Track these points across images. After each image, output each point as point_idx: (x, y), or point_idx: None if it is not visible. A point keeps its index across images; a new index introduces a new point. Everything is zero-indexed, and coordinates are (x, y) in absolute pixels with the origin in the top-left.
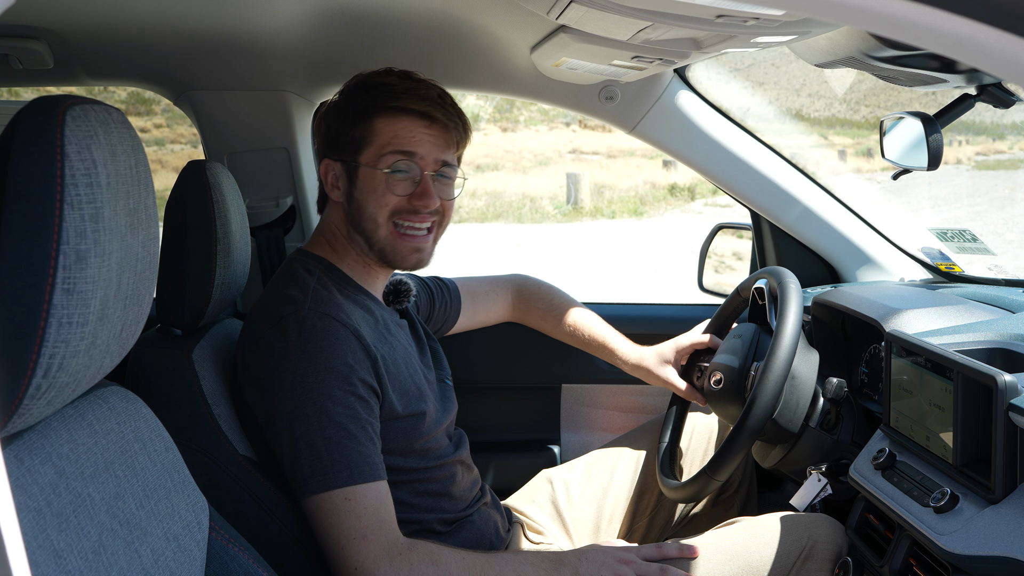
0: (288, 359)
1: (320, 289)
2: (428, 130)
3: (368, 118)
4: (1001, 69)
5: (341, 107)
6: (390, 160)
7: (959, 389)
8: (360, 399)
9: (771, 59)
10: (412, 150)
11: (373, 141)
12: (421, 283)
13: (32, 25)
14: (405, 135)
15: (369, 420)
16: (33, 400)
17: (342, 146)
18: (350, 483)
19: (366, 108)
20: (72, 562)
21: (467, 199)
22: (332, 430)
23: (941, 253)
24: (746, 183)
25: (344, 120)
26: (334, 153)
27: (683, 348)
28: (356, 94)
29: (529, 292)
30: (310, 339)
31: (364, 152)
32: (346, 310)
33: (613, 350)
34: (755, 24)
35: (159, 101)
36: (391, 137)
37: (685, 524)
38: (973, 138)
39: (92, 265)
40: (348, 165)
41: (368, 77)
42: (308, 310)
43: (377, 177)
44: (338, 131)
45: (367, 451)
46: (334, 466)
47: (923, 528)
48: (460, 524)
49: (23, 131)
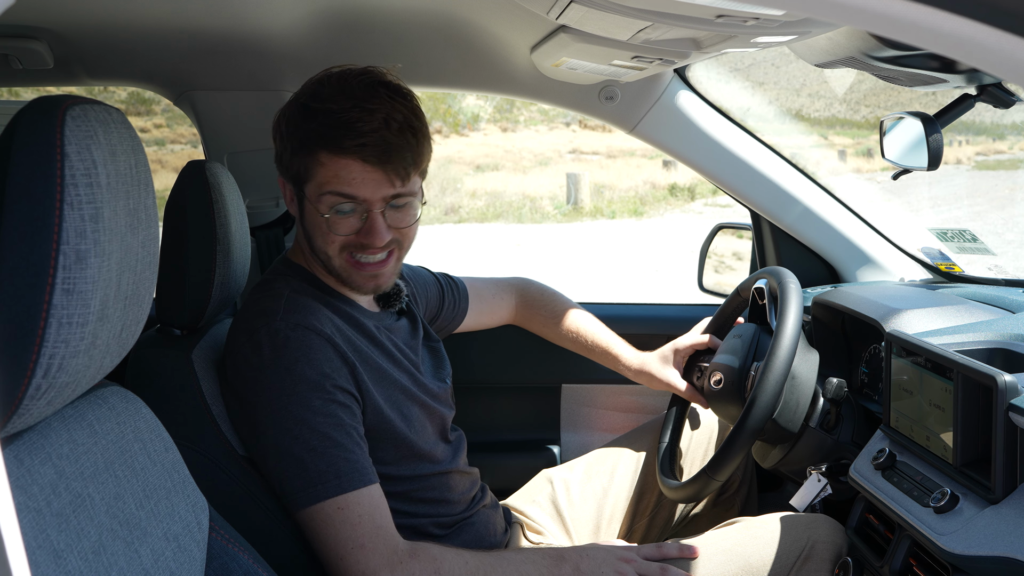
0: (264, 373)
1: (295, 297)
2: (370, 171)
3: (307, 151)
4: (1001, 69)
5: (283, 129)
6: (330, 201)
7: (959, 389)
8: (341, 405)
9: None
10: (353, 193)
11: (312, 178)
12: (432, 278)
13: (32, 25)
14: (345, 176)
15: (353, 425)
16: (33, 400)
17: (287, 170)
18: (340, 491)
19: (305, 140)
20: (72, 562)
21: (467, 199)
22: (316, 440)
23: (941, 253)
24: (746, 183)
25: (286, 146)
26: (283, 172)
27: (683, 349)
28: (298, 118)
29: (532, 298)
30: (283, 351)
31: (307, 185)
32: (320, 318)
33: (616, 356)
34: (755, 24)
35: (159, 101)
36: (331, 177)
37: (685, 524)
38: (973, 138)
39: (92, 265)
40: (296, 190)
41: (311, 96)
42: (280, 322)
43: (319, 217)
44: (282, 153)
45: (354, 457)
46: (322, 476)
47: (923, 528)
48: (460, 526)
49: (23, 131)
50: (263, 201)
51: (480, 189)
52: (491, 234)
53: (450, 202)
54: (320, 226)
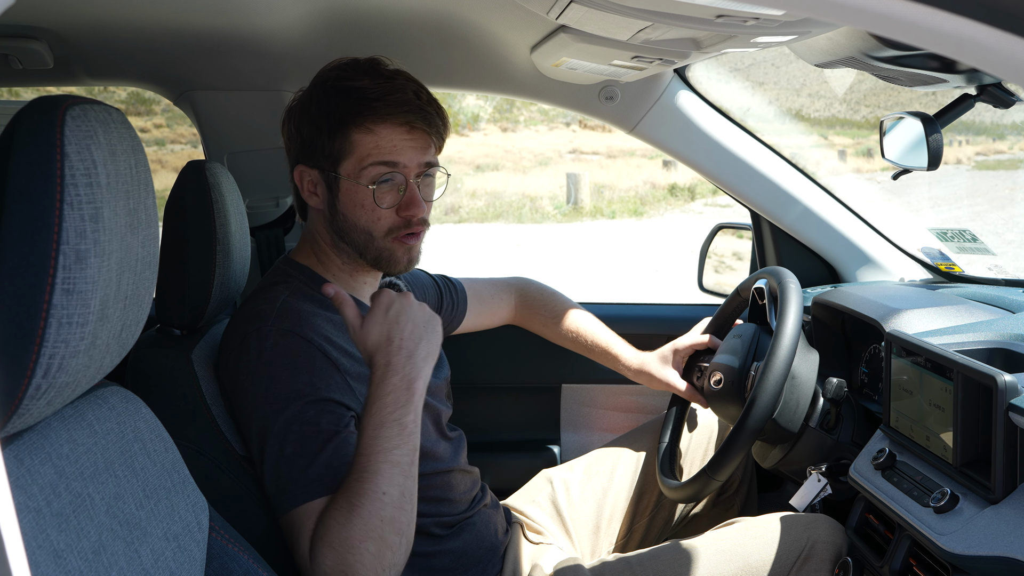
0: (253, 379)
1: (290, 302)
2: (409, 136)
3: (344, 129)
4: (1001, 69)
5: (312, 112)
6: (373, 172)
7: (959, 389)
8: (329, 413)
9: (771, 59)
10: (395, 160)
11: (352, 153)
12: (431, 280)
13: (32, 25)
14: (387, 145)
15: (335, 430)
16: (33, 400)
17: (317, 155)
18: (302, 501)
19: (341, 118)
20: (72, 562)
21: (467, 199)
22: (290, 448)
23: (941, 253)
24: (746, 183)
25: (317, 128)
26: (308, 160)
27: (682, 349)
28: (327, 99)
29: (532, 297)
30: (271, 357)
31: (343, 164)
32: (313, 325)
33: (615, 356)
34: (755, 24)
35: (159, 101)
36: (371, 148)
37: (685, 524)
38: (973, 138)
39: (92, 265)
40: (327, 174)
41: (337, 79)
42: (271, 327)
43: (361, 191)
44: (311, 138)
45: (316, 469)
46: (294, 483)
47: (923, 528)
48: (460, 526)
49: (23, 131)
50: (263, 201)
51: (480, 189)
52: (491, 234)
53: (450, 202)
54: (364, 203)
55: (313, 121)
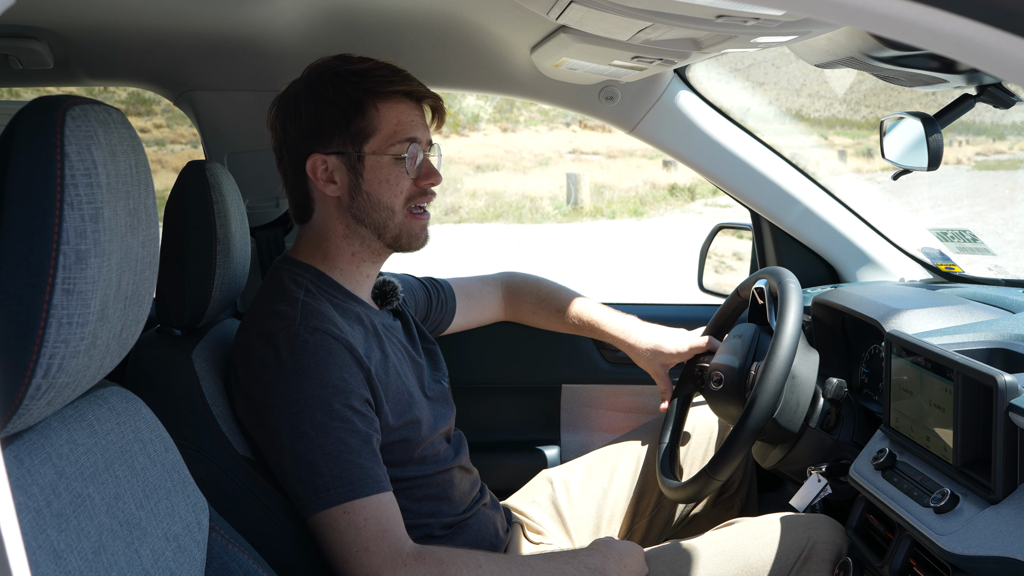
0: (283, 377)
1: (309, 302)
2: (419, 112)
3: (369, 107)
4: (1001, 69)
5: (328, 96)
6: (399, 148)
7: (959, 389)
8: (357, 412)
9: (771, 59)
10: (415, 135)
11: (379, 130)
12: (418, 283)
13: (32, 25)
14: (407, 120)
15: (368, 432)
16: (33, 400)
17: (336, 138)
18: (351, 497)
19: (363, 97)
20: (72, 562)
21: (467, 199)
22: (332, 445)
23: (941, 253)
24: (746, 183)
25: (336, 112)
26: (323, 147)
27: (683, 354)
28: (342, 82)
29: (517, 287)
30: (303, 356)
31: (370, 141)
32: (337, 322)
33: (602, 330)
34: (755, 24)
35: (159, 101)
36: (395, 124)
37: (685, 524)
38: (973, 138)
39: (92, 265)
40: (349, 157)
41: (339, 65)
42: (299, 326)
43: (387, 166)
44: (329, 122)
45: (368, 464)
46: (335, 481)
47: (923, 528)
48: (461, 526)
49: (23, 131)
50: (263, 201)
51: (480, 189)
52: (491, 234)
53: (450, 202)
54: (389, 177)
55: (331, 104)
